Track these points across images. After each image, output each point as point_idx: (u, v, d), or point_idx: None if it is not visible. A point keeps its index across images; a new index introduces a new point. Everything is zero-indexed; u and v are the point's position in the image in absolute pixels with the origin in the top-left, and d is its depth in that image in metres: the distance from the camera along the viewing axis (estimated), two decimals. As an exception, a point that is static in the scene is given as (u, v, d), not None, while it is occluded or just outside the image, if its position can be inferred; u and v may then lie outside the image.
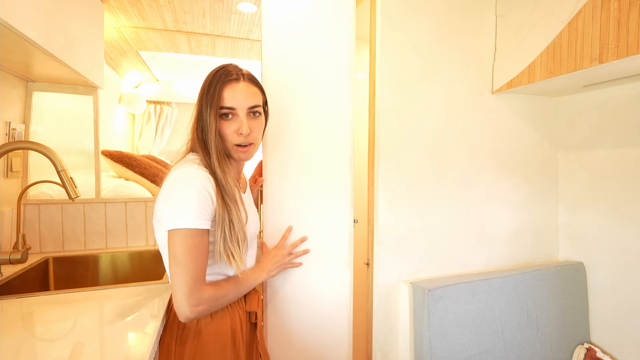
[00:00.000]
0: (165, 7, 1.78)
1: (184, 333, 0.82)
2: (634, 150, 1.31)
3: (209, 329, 0.83)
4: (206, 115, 0.80)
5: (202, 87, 0.84)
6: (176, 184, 0.75)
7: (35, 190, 1.54)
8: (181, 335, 0.82)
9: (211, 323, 0.83)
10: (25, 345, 0.73)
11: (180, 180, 0.76)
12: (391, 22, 1.29)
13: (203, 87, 0.83)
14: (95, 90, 1.68)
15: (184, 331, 0.82)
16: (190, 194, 0.74)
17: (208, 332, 0.82)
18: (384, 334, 1.32)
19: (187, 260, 0.74)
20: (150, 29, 2.07)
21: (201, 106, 0.82)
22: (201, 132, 0.82)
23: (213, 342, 0.82)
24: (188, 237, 0.74)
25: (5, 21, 0.91)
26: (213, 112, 0.80)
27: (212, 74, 0.84)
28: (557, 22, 1.20)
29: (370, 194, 1.35)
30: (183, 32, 2.12)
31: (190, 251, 0.74)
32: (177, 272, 0.74)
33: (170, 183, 0.76)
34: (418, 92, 1.34)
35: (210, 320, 0.83)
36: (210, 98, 0.80)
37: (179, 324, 0.82)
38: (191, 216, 0.73)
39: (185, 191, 0.74)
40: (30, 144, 1.16)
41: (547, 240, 1.60)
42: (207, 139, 0.81)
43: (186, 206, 0.74)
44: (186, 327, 0.82)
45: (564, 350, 1.43)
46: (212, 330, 0.83)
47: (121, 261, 1.53)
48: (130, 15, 1.86)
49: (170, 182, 0.76)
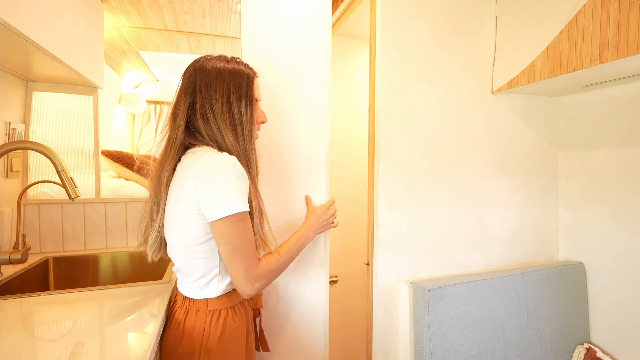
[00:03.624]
0: (165, 7, 1.78)
1: (209, 342, 0.81)
2: (634, 150, 1.31)
3: (231, 333, 0.84)
4: (238, 105, 0.84)
5: (225, 78, 0.83)
6: (215, 172, 0.75)
7: (35, 190, 1.54)
8: (206, 345, 0.81)
9: (233, 326, 0.85)
10: (25, 345, 0.73)
11: (217, 168, 0.75)
12: (391, 22, 1.29)
13: (228, 78, 0.84)
14: (95, 90, 1.68)
15: (208, 342, 0.81)
16: (231, 179, 0.75)
17: (230, 337, 0.84)
18: (384, 334, 1.32)
19: (242, 242, 0.77)
20: (150, 29, 2.07)
21: (229, 96, 0.83)
22: (231, 120, 0.84)
23: (235, 346, 0.85)
24: (240, 221, 0.76)
25: (5, 21, 0.90)
26: (249, 102, 0.85)
27: (238, 68, 0.86)
28: (557, 22, 1.20)
29: (370, 194, 1.35)
30: (183, 32, 2.12)
31: (244, 233, 0.77)
32: (235, 258, 0.77)
33: (206, 174, 0.75)
34: (418, 92, 1.34)
35: (233, 323, 0.85)
36: (245, 90, 0.85)
37: (198, 334, 0.82)
38: (238, 200, 0.76)
39: (227, 177, 0.75)
40: (30, 144, 1.16)
41: (547, 240, 1.60)
42: (242, 127, 0.84)
43: (232, 191, 0.75)
44: (210, 338, 0.82)
45: (564, 350, 1.43)
46: (234, 334, 0.85)
47: (121, 261, 1.53)
48: (130, 15, 1.86)
49: (207, 174, 0.75)
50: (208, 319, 0.82)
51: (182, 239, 0.80)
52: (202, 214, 0.77)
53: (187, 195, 0.77)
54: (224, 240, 0.76)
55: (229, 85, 0.84)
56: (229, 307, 0.85)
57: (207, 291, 0.83)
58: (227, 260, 0.78)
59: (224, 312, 0.84)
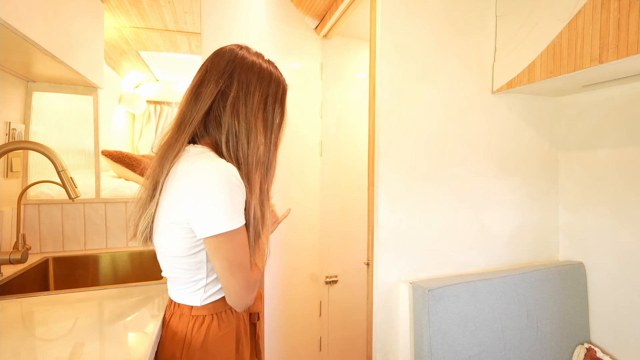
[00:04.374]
0: (165, 7, 1.78)
1: (190, 349, 0.78)
2: (634, 150, 1.31)
3: (215, 341, 0.79)
4: (273, 110, 0.83)
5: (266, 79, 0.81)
6: (205, 185, 0.68)
7: (35, 190, 1.54)
8: (187, 351, 0.78)
9: (218, 334, 0.80)
10: (25, 345, 0.73)
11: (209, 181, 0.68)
12: (391, 22, 1.29)
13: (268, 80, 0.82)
14: (95, 90, 1.68)
15: (190, 348, 0.78)
16: (224, 192, 0.68)
17: (215, 345, 0.79)
18: (384, 334, 1.32)
19: (240, 257, 0.73)
20: (150, 29, 2.07)
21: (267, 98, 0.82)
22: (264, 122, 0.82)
23: (220, 354, 0.80)
24: (236, 235, 0.71)
25: (5, 21, 0.90)
26: (283, 111, 0.87)
27: (277, 74, 0.85)
28: (557, 22, 1.20)
29: (370, 194, 1.35)
30: (183, 32, 2.12)
31: (241, 247, 0.73)
32: (233, 273, 0.72)
33: (196, 187, 0.68)
34: (418, 92, 1.34)
35: (218, 330, 0.80)
36: (281, 98, 0.85)
37: (180, 339, 0.78)
38: (232, 216, 0.70)
39: (220, 190, 0.68)
40: (30, 144, 1.16)
41: (547, 240, 1.60)
42: (271, 132, 0.84)
43: (224, 207, 0.68)
44: (191, 344, 0.77)
45: (564, 350, 1.43)
46: (219, 342, 0.80)
47: (121, 261, 1.53)
48: (130, 15, 1.86)
49: (197, 187, 0.68)
50: (191, 325, 0.78)
51: (169, 250, 0.76)
52: (189, 229, 0.71)
53: (174, 208, 0.71)
54: (218, 256, 0.71)
55: (268, 87, 0.81)
56: (214, 313, 0.80)
57: (191, 299, 0.79)
58: (223, 274, 0.73)
59: (207, 319, 0.79)
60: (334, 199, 1.96)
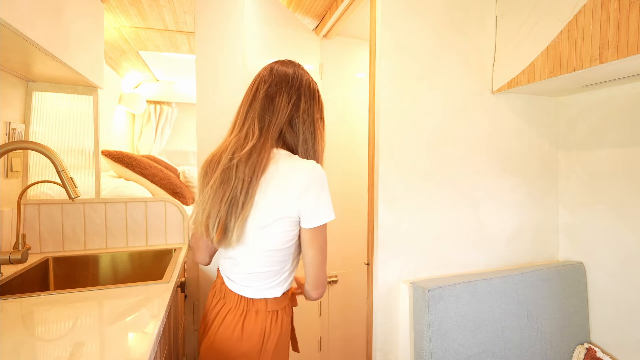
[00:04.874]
0: (165, 7, 1.78)
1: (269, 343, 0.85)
2: (634, 150, 1.31)
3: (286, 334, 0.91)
4: (323, 123, 0.93)
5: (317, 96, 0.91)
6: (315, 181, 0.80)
7: (35, 190, 1.54)
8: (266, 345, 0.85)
9: (289, 327, 0.92)
10: (25, 345, 0.73)
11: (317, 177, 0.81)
12: (391, 22, 1.29)
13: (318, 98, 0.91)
14: (95, 90, 1.68)
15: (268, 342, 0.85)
16: (326, 187, 0.83)
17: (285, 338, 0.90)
18: (384, 334, 1.32)
19: (326, 245, 0.85)
20: (150, 29, 2.07)
21: (321, 113, 0.92)
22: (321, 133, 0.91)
23: (286, 346, 0.92)
24: (325, 226, 0.84)
25: (5, 21, 0.90)
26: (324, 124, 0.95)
27: (319, 90, 0.93)
28: (557, 22, 1.20)
29: (370, 194, 1.35)
30: (183, 32, 2.12)
31: (326, 236, 0.86)
32: (323, 258, 0.84)
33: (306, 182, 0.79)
34: (418, 92, 1.34)
35: (289, 323, 0.92)
36: (323, 111, 0.93)
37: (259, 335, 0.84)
38: (332, 208, 0.84)
39: (325, 185, 0.82)
40: (30, 144, 1.16)
41: (547, 240, 1.60)
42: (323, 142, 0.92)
43: (329, 200, 0.83)
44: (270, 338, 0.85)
45: (564, 350, 1.43)
46: (288, 335, 0.92)
47: (121, 261, 1.53)
48: (130, 15, 1.86)
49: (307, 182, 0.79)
50: (268, 320, 0.85)
51: (270, 244, 0.82)
52: (296, 222, 0.82)
53: (283, 204, 0.80)
54: (315, 244, 0.83)
55: (319, 103, 0.92)
56: (284, 306, 0.89)
57: (272, 291, 0.86)
58: (314, 261, 0.84)
59: (280, 313, 0.87)
60: (334, 199, 1.94)
